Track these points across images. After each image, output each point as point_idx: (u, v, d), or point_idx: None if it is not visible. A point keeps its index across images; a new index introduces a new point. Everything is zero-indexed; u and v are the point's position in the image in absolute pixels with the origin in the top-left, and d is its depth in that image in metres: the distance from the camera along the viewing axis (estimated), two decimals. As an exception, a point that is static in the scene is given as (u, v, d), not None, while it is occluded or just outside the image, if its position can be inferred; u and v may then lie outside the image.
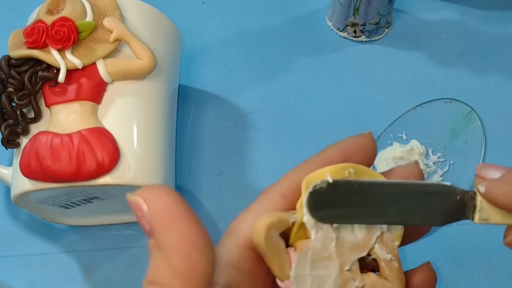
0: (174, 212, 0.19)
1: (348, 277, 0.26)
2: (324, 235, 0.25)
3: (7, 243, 0.41)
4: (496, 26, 0.50)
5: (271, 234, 0.24)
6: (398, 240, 0.27)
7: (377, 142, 0.44)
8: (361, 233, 0.26)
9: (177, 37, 0.42)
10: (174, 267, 0.19)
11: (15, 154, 0.36)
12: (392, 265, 0.27)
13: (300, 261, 0.25)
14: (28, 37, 0.35)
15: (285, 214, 0.25)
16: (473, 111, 0.44)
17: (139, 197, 0.20)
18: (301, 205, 0.25)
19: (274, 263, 0.24)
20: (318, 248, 0.25)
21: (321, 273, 0.25)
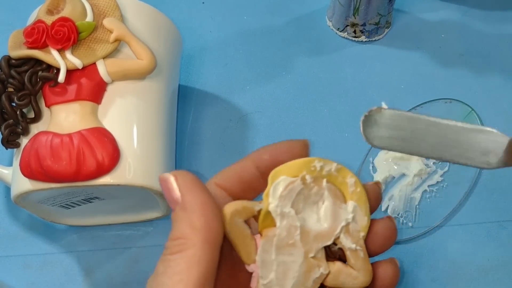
0: (197, 185, 0.25)
1: (313, 264, 0.27)
2: (289, 223, 0.27)
3: (7, 243, 0.41)
4: (496, 26, 0.50)
5: (235, 220, 0.26)
6: (364, 231, 0.28)
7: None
8: (326, 222, 0.27)
9: (177, 37, 0.42)
10: (195, 223, 0.24)
11: (15, 154, 0.36)
12: (358, 255, 0.27)
13: (265, 246, 0.27)
14: (28, 37, 0.35)
15: (250, 203, 0.27)
16: (473, 111, 0.44)
17: (171, 174, 0.25)
18: (267, 194, 0.27)
19: (240, 248, 0.26)
20: (283, 236, 0.27)
21: (286, 259, 0.27)
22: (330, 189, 0.28)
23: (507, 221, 0.42)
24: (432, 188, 0.42)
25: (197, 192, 0.25)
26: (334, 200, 0.28)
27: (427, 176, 0.42)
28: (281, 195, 0.27)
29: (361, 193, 0.28)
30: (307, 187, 0.27)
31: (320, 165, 0.27)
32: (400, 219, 0.41)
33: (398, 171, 0.42)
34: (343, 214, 0.28)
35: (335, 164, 0.28)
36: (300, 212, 0.27)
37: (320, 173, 0.28)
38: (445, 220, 0.41)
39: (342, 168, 0.28)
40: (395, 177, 0.42)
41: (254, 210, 0.27)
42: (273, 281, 0.26)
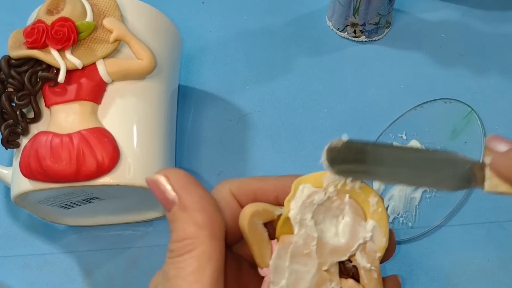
0: (191, 180, 0.24)
1: (326, 277, 0.27)
2: (307, 232, 0.27)
3: (7, 243, 0.41)
4: (496, 26, 0.50)
5: (254, 221, 0.26)
6: (381, 252, 0.27)
7: (377, 142, 0.44)
8: (344, 237, 0.27)
9: (177, 37, 0.42)
10: (198, 222, 0.23)
11: (15, 154, 0.36)
12: (372, 275, 0.27)
13: (280, 252, 0.26)
14: (28, 37, 0.35)
15: (272, 206, 0.27)
16: (473, 111, 0.44)
17: (161, 174, 0.24)
18: (288, 201, 0.26)
19: (255, 249, 0.26)
20: (300, 244, 0.26)
21: (299, 268, 0.26)
22: (351, 205, 0.27)
23: (507, 221, 0.42)
24: (432, 188, 0.42)
25: (193, 189, 0.24)
26: (354, 216, 0.27)
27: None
28: (303, 203, 0.26)
29: (382, 214, 0.28)
30: (329, 200, 0.27)
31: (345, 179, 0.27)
32: (400, 219, 0.41)
33: (398, 172, 0.42)
34: (361, 232, 0.27)
35: (359, 182, 0.28)
36: (319, 224, 0.27)
37: (343, 187, 0.27)
38: (445, 220, 0.41)
39: (366, 187, 0.28)
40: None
41: (274, 214, 0.27)
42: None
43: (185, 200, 0.24)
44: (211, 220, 0.24)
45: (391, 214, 0.41)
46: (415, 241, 0.41)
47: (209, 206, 0.24)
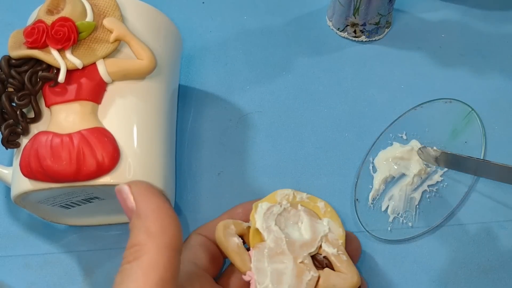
0: (152, 191, 0.25)
1: (303, 268, 0.31)
2: (275, 235, 0.31)
3: (7, 243, 0.41)
4: (496, 26, 0.50)
5: (229, 232, 0.31)
6: (342, 239, 0.33)
7: (377, 142, 0.44)
8: (307, 235, 0.32)
9: (177, 37, 0.42)
10: (149, 229, 0.24)
11: (15, 154, 0.36)
12: (341, 258, 0.32)
13: (258, 256, 0.30)
14: (28, 37, 0.35)
15: (240, 221, 0.32)
16: (473, 111, 0.44)
17: (124, 185, 0.26)
18: (252, 215, 0.32)
19: (235, 257, 0.30)
20: (272, 246, 0.31)
21: (278, 266, 0.30)
22: (305, 211, 0.34)
23: (507, 221, 0.42)
24: (432, 188, 0.42)
25: (151, 198, 0.25)
26: (310, 217, 0.33)
27: (427, 176, 0.42)
28: (265, 214, 0.32)
29: (332, 212, 0.34)
30: (286, 210, 0.33)
31: (293, 194, 0.34)
32: (400, 219, 0.41)
33: (398, 171, 0.42)
34: (320, 227, 0.33)
35: (305, 193, 0.35)
36: (283, 229, 0.32)
37: (294, 200, 0.34)
38: (445, 220, 0.41)
39: (311, 196, 0.35)
40: (395, 176, 0.42)
41: (244, 226, 0.32)
42: (269, 286, 0.29)
43: (140, 208, 0.25)
44: (163, 228, 0.24)
45: (391, 214, 0.41)
46: (415, 241, 0.41)
47: (164, 216, 0.24)
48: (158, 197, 0.25)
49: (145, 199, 0.25)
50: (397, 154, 0.42)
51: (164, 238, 0.24)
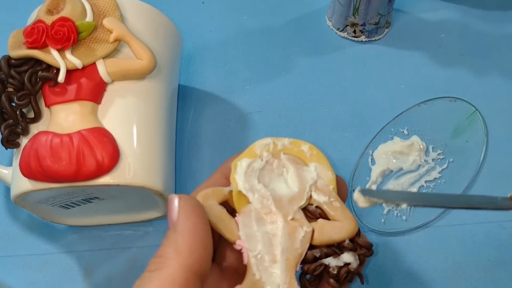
0: (195, 211, 0.25)
1: (295, 225, 0.28)
2: (260, 195, 0.29)
3: (7, 243, 0.41)
4: (496, 26, 0.50)
5: (209, 203, 0.28)
6: (332, 183, 0.30)
7: (378, 135, 0.44)
8: (295, 186, 0.29)
9: (177, 37, 0.42)
10: (178, 247, 0.24)
11: (15, 154, 0.36)
12: (334, 205, 0.29)
13: (245, 221, 0.28)
14: (28, 37, 0.35)
15: (219, 187, 0.29)
16: (477, 111, 0.44)
17: (177, 196, 0.26)
18: (233, 177, 0.29)
19: (222, 227, 0.28)
20: (259, 208, 0.28)
21: (267, 228, 0.28)
22: (289, 159, 0.30)
23: (507, 221, 0.42)
24: (429, 184, 0.42)
25: (192, 217, 0.25)
26: (296, 166, 0.30)
27: (425, 172, 0.43)
28: (246, 173, 0.29)
29: (318, 154, 0.31)
30: (268, 163, 0.30)
31: (273, 142, 0.30)
32: (395, 212, 0.41)
33: (396, 165, 0.43)
34: (308, 175, 0.30)
35: (286, 138, 0.31)
36: (268, 185, 0.29)
37: (275, 149, 0.30)
38: (439, 217, 0.41)
39: (294, 140, 0.31)
40: (393, 170, 0.43)
41: (225, 192, 0.29)
42: (262, 251, 0.27)
43: (179, 223, 0.25)
44: (191, 249, 0.24)
45: (386, 207, 0.41)
46: (415, 241, 0.41)
47: (196, 238, 0.24)
48: (199, 218, 0.25)
49: (187, 216, 0.25)
50: (396, 148, 0.43)
51: (188, 258, 0.24)
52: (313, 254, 0.28)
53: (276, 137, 0.31)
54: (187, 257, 0.24)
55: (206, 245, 0.25)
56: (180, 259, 0.24)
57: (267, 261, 0.27)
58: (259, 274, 0.27)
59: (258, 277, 0.27)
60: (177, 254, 0.24)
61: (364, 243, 0.28)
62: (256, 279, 0.27)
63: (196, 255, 0.24)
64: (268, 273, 0.27)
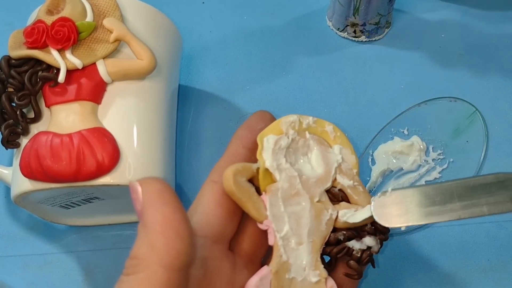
0: (162, 197, 0.22)
1: (321, 207, 0.28)
2: (287, 175, 0.28)
3: (7, 243, 0.41)
4: (496, 26, 0.50)
5: (239, 179, 0.27)
6: (356, 168, 0.30)
7: (378, 135, 0.44)
8: (320, 168, 0.29)
9: (177, 37, 0.42)
10: (152, 245, 0.21)
11: (15, 154, 0.36)
12: (357, 190, 0.29)
13: (272, 201, 0.27)
14: (28, 37, 0.35)
15: (248, 163, 0.28)
16: (477, 111, 0.44)
17: (138, 182, 0.23)
18: (260, 153, 0.28)
19: (249, 206, 0.27)
20: (286, 187, 0.28)
21: (295, 208, 0.27)
22: (314, 139, 0.30)
23: (507, 221, 0.42)
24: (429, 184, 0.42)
25: (160, 206, 0.22)
26: (320, 147, 0.29)
27: (426, 172, 0.43)
28: (273, 151, 0.28)
29: (342, 136, 0.30)
30: (294, 141, 0.29)
31: (299, 119, 0.29)
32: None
33: (397, 165, 0.43)
34: (333, 157, 0.29)
35: (311, 117, 0.30)
36: (294, 165, 0.29)
37: (300, 127, 0.30)
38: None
39: (318, 120, 0.30)
40: (393, 170, 0.43)
41: (253, 168, 0.28)
42: (289, 232, 0.27)
43: (146, 216, 0.22)
44: (167, 247, 0.21)
45: None
46: (415, 241, 0.41)
47: (170, 231, 0.22)
48: (169, 205, 0.22)
49: (153, 206, 0.22)
50: (396, 148, 0.43)
51: (166, 256, 0.21)
52: (337, 237, 0.28)
53: (301, 115, 0.30)
54: (164, 255, 0.21)
55: (183, 235, 0.22)
56: (157, 259, 0.21)
57: (294, 242, 0.27)
58: (286, 256, 0.27)
59: (285, 258, 0.27)
60: (152, 253, 0.21)
61: (382, 228, 0.28)
62: (284, 261, 0.27)
63: (173, 251, 0.21)
64: (294, 255, 0.27)
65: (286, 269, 0.27)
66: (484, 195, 0.26)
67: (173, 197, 0.23)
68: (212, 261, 0.26)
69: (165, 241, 0.21)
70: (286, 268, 0.27)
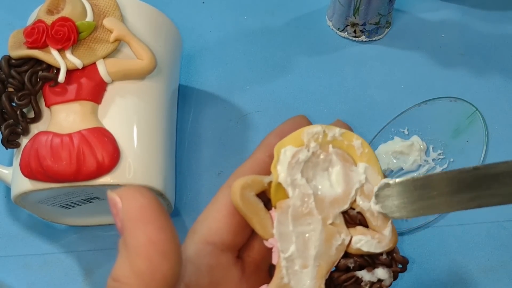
0: (145, 215, 0.20)
1: (333, 231, 0.26)
2: (301, 192, 0.26)
3: (7, 243, 0.41)
4: (496, 26, 0.50)
5: (246, 194, 0.25)
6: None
7: (378, 135, 0.44)
8: (340, 187, 0.26)
9: (177, 37, 0.42)
10: (135, 267, 0.20)
11: (15, 154, 0.36)
12: (377, 215, 0.26)
13: (281, 218, 0.25)
14: (28, 37, 0.35)
15: (260, 176, 0.26)
16: (477, 111, 0.44)
17: (117, 195, 0.21)
18: (274, 166, 0.26)
19: (255, 222, 0.25)
20: (298, 205, 0.25)
21: (304, 229, 0.25)
22: (337, 154, 0.27)
23: (507, 221, 0.42)
24: (430, 183, 0.42)
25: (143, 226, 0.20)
26: (343, 163, 0.27)
27: (426, 172, 0.43)
28: (289, 164, 0.26)
29: (370, 153, 0.27)
30: (314, 155, 0.26)
31: (323, 131, 0.27)
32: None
33: (397, 165, 0.43)
34: (355, 177, 0.27)
35: (338, 128, 0.27)
36: (311, 181, 0.26)
37: (324, 139, 0.27)
38: (440, 216, 0.41)
39: (346, 132, 0.28)
40: (393, 170, 0.43)
41: (264, 182, 0.26)
42: (295, 254, 0.25)
43: (128, 237, 0.20)
44: (151, 270, 0.20)
45: None
46: (415, 242, 0.41)
47: (154, 253, 0.20)
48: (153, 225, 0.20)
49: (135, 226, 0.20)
50: (397, 148, 0.43)
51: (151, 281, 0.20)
52: (346, 264, 0.26)
53: (327, 126, 0.27)
54: (149, 280, 0.20)
55: (169, 257, 0.20)
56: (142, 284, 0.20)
57: (298, 265, 0.25)
58: (288, 278, 0.25)
59: (287, 281, 0.25)
60: (136, 278, 0.20)
61: (401, 260, 0.26)
62: (284, 283, 0.25)
63: (159, 275, 0.20)
64: (297, 278, 0.25)
65: None
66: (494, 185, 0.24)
67: (157, 213, 0.20)
68: (219, 270, 0.26)
69: (150, 265, 0.20)
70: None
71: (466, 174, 0.24)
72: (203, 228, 0.26)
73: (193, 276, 0.25)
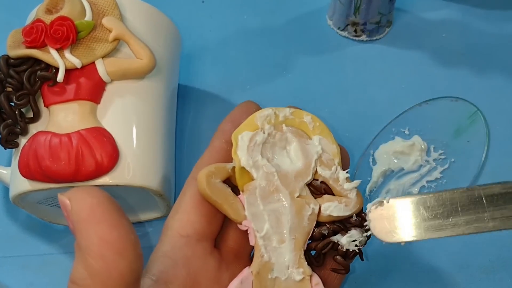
0: (96, 214, 0.20)
1: (302, 202, 0.27)
2: (265, 171, 0.27)
3: (5, 243, 0.41)
4: (497, 25, 0.50)
5: (212, 182, 0.27)
6: (337, 157, 0.29)
7: (379, 135, 0.44)
8: (299, 161, 0.28)
9: (176, 37, 0.42)
10: (90, 268, 0.20)
11: (14, 154, 0.36)
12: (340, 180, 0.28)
13: (250, 200, 0.27)
14: (26, 36, 0.35)
15: (222, 164, 0.28)
16: (478, 111, 0.44)
17: (66, 197, 0.21)
18: (234, 152, 0.28)
19: (226, 208, 0.27)
20: (264, 185, 0.27)
21: (274, 206, 0.27)
22: (292, 131, 0.29)
23: (508, 222, 0.41)
24: (431, 184, 0.42)
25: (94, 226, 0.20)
26: (299, 139, 0.29)
27: (427, 172, 0.42)
28: (249, 148, 0.27)
29: (321, 126, 0.30)
30: (271, 136, 0.29)
31: (274, 113, 0.29)
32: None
33: (398, 165, 0.43)
34: (312, 149, 0.29)
35: (287, 108, 0.30)
36: (272, 160, 0.28)
37: (277, 120, 0.29)
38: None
39: (296, 111, 0.30)
40: (394, 170, 0.43)
41: (228, 168, 0.27)
42: (270, 231, 0.26)
43: (80, 239, 0.20)
44: (107, 269, 0.19)
45: None
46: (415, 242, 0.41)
47: (109, 252, 0.20)
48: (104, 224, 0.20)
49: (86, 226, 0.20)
50: (397, 148, 0.43)
51: (108, 280, 0.19)
52: (321, 232, 0.27)
53: (277, 107, 0.30)
54: (107, 279, 0.19)
55: (124, 254, 0.20)
56: (99, 284, 0.20)
57: (275, 241, 0.26)
58: (268, 256, 0.26)
59: (267, 258, 0.26)
60: (93, 279, 0.19)
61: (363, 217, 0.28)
62: (265, 261, 0.26)
63: (116, 274, 0.20)
64: (276, 254, 0.26)
65: (269, 269, 0.26)
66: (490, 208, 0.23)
67: (109, 211, 0.20)
68: (195, 260, 0.26)
69: (104, 265, 0.19)
70: (268, 268, 0.26)
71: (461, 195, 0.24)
72: (174, 222, 0.27)
73: (171, 270, 0.25)
